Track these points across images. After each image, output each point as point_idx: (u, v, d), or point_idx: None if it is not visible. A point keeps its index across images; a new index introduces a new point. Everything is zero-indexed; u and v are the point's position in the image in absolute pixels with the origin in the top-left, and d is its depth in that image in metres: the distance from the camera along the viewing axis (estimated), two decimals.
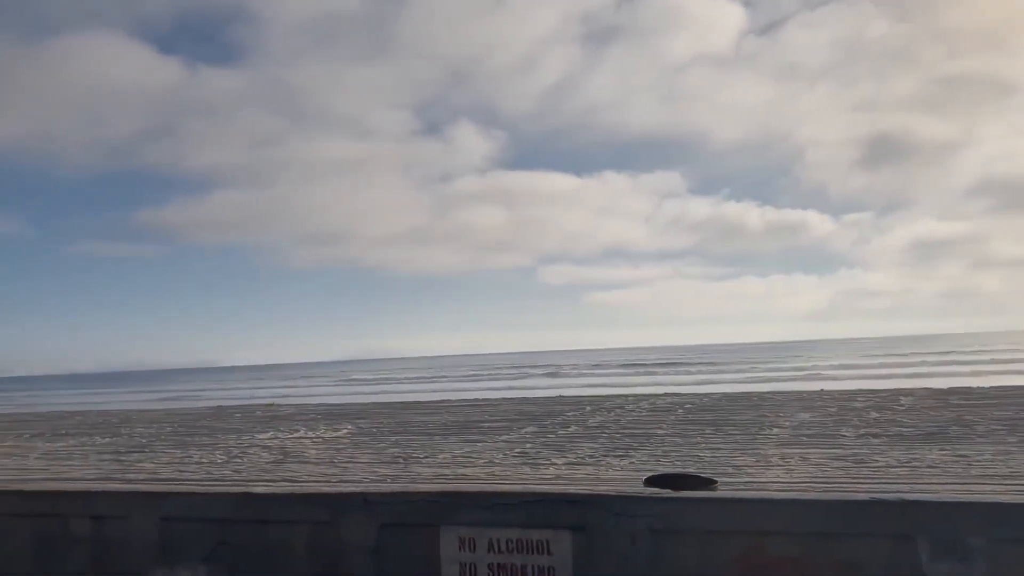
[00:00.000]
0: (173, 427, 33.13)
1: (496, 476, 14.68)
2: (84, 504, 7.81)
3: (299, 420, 32.17)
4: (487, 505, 6.93)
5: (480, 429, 22.89)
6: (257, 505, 7.38)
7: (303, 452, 21.17)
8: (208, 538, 7.27)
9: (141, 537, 7.38)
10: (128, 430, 32.78)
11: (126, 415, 42.37)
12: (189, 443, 25.88)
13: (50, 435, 32.20)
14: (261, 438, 25.42)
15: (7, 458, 24.09)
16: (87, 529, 7.63)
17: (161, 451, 24.25)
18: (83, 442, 28.79)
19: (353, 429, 25.69)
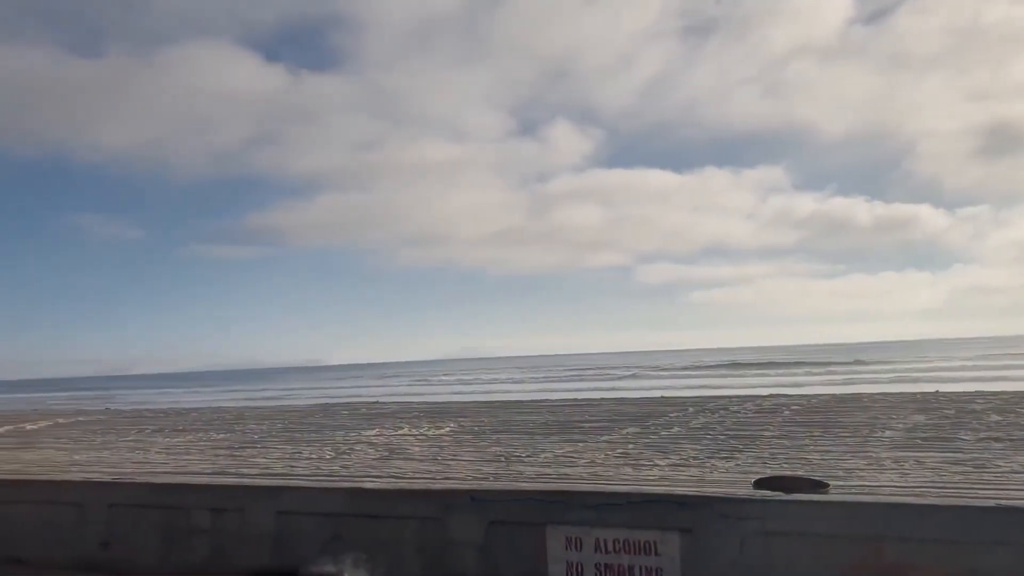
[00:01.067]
0: (283, 424, 34.19)
1: (598, 476, 14.64)
2: (205, 497, 8.16)
3: (403, 418, 32.75)
4: (593, 505, 6.91)
5: (581, 429, 22.83)
6: (368, 500, 7.56)
7: (408, 449, 21.56)
8: (322, 532, 7.49)
9: (258, 529, 7.66)
10: (241, 426, 33.99)
11: (239, 412, 43.95)
12: (299, 439, 26.66)
13: (169, 431, 33.67)
14: (367, 435, 25.99)
15: (132, 452, 25.33)
16: (208, 521, 7.97)
17: (273, 447, 25.07)
18: (200, 437, 30.00)
19: (455, 427, 26.01)
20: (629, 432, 21.32)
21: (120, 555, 8.15)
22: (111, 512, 8.30)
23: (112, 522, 8.27)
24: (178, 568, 7.80)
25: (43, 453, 26.49)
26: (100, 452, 25.79)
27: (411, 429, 26.78)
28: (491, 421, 26.64)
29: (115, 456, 24.16)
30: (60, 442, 30.71)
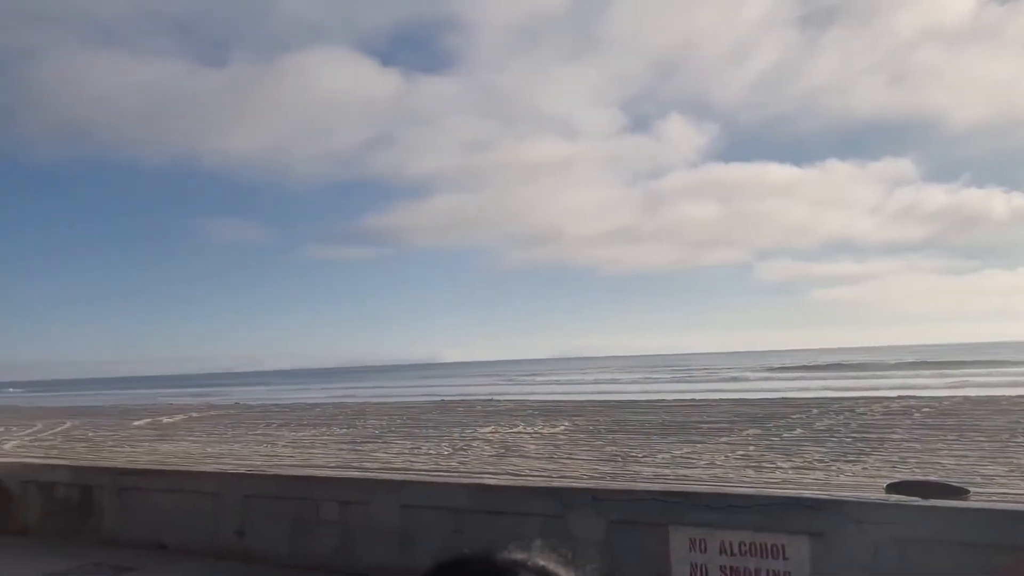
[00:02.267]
0: (402, 419, 35.03)
1: (719, 478, 14.39)
2: (333, 489, 8.41)
3: (517, 416, 33.04)
4: (718, 506, 6.77)
5: (699, 430, 22.49)
6: (490, 496, 7.63)
7: (523, 447, 21.72)
8: (445, 526, 7.60)
9: (383, 522, 7.84)
10: (362, 422, 35.02)
11: (359, 408, 45.25)
12: (417, 435, 27.26)
13: (294, 425, 34.98)
14: (483, 432, 26.32)
15: (260, 445, 26.41)
16: (335, 513, 8.20)
17: (392, 442, 25.71)
18: (323, 432, 31.06)
19: (570, 426, 26.03)
20: (749, 434, 20.87)
21: (254, 544, 8.49)
22: (245, 502, 8.65)
23: (246, 512, 8.62)
24: (307, 558, 8.06)
25: (179, 445, 27.92)
26: (231, 445, 27.00)
27: (526, 427, 26.97)
28: (606, 420, 26.56)
29: (245, 449, 25.25)
30: (194, 435, 32.33)
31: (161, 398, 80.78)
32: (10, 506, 10.54)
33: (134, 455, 24.06)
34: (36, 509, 10.34)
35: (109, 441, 29.80)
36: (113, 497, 9.66)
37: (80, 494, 9.98)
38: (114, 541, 9.48)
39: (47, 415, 48.91)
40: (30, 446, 28.91)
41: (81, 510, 9.93)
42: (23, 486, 10.53)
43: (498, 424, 27.49)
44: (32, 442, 30.58)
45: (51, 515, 10.20)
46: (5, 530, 10.47)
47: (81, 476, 10.24)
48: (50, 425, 39.72)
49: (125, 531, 9.50)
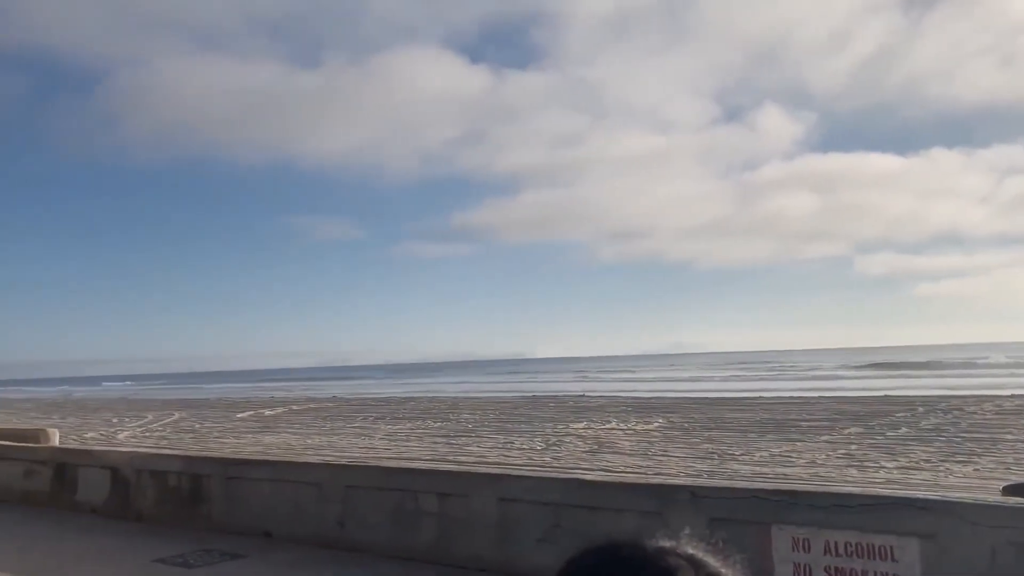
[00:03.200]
0: (495, 414, 35.34)
1: (820, 477, 14.02)
2: (432, 481, 8.53)
3: (610, 412, 32.90)
4: (823, 505, 6.59)
5: (798, 428, 21.98)
6: (587, 491, 7.61)
7: (616, 443, 21.63)
8: (543, 520, 7.63)
9: (481, 515, 7.91)
10: (455, 416, 35.47)
11: (452, 403, 45.84)
12: (510, 430, 27.45)
13: (390, 419, 35.69)
14: (575, 428, 26.32)
15: (358, 437, 27.03)
16: (435, 505, 8.32)
17: (485, 436, 25.98)
18: (417, 425, 31.60)
19: (664, 423, 25.77)
20: (851, 432, 20.27)
21: (355, 533, 8.69)
22: (347, 493, 8.86)
23: (348, 502, 8.82)
24: (407, 548, 8.20)
25: (281, 437, 28.81)
26: (330, 437, 27.71)
27: (619, 423, 26.84)
28: (701, 418, 26.21)
29: (343, 441, 25.88)
30: (294, 427, 33.30)
31: (262, 391, 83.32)
32: (127, 493, 11.06)
33: (239, 446, 24.92)
34: (150, 496, 10.82)
35: (215, 432, 30.95)
36: (221, 486, 10.02)
37: (191, 482, 10.39)
38: (222, 528, 9.84)
39: (157, 407, 51.10)
40: (141, 437, 30.27)
41: (192, 498, 10.34)
42: (138, 474, 11.03)
43: (591, 420, 27.41)
44: (143, 433, 32.00)
45: (164, 502, 10.66)
46: (122, 516, 11.00)
47: (191, 465, 10.66)
48: (159, 417, 41.49)
49: (233, 519, 9.84)
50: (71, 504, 11.83)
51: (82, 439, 27.93)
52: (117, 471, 11.30)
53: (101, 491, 11.44)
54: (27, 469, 12.63)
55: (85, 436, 29.95)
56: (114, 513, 11.17)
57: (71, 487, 11.91)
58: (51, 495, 12.15)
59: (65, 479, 12.00)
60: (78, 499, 11.76)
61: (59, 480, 12.09)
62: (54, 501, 12.08)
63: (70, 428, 30.02)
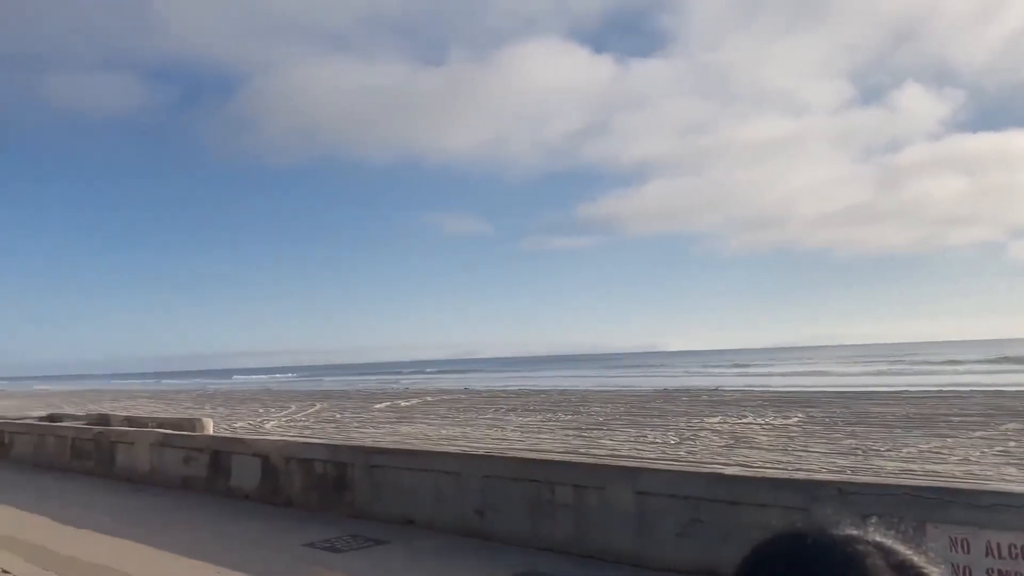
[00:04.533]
0: (626, 408, 35.13)
1: (974, 475, 13.25)
2: (568, 473, 8.56)
3: (746, 406, 32.13)
4: (983, 504, 6.23)
5: (948, 423, 20.85)
6: (727, 486, 7.46)
7: (753, 438, 21.10)
8: (681, 514, 7.53)
9: (619, 508, 7.89)
10: (586, 409, 35.47)
11: (583, 395, 45.83)
12: (643, 423, 27.21)
13: (521, 411, 36.04)
14: (710, 422, 25.84)
15: (490, 429, 27.42)
16: (571, 497, 8.35)
17: (618, 429, 25.85)
18: (548, 418, 31.76)
19: (803, 417, 24.96)
20: (1009, 428, 19.08)
21: (493, 523, 8.82)
22: (485, 482, 9.00)
23: (486, 492, 8.97)
24: (544, 539, 8.26)
25: (416, 427, 29.56)
26: (463, 428, 28.23)
27: (755, 418, 26.17)
28: (843, 412, 25.24)
29: (476, 432, 26.31)
30: (429, 418, 34.08)
31: (397, 383, 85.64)
32: (276, 480, 11.61)
33: (377, 435, 25.72)
34: (298, 483, 11.32)
35: (354, 422, 32.04)
36: (364, 474, 10.37)
37: (335, 470, 10.80)
38: (366, 515, 10.19)
39: (300, 398, 53.33)
40: (286, 426, 31.67)
41: (336, 485, 10.75)
42: (286, 462, 11.55)
43: (726, 415, 26.85)
44: (287, 423, 33.48)
45: (310, 489, 11.12)
46: (272, 501, 11.56)
47: (336, 454, 11.08)
48: (302, 407, 43.30)
49: (376, 506, 10.17)
50: (226, 489, 12.53)
51: (232, 428, 29.47)
52: (267, 459, 11.88)
53: (253, 477, 12.05)
54: (186, 456, 13.45)
55: (235, 426, 31.59)
56: (265, 498, 11.76)
57: (226, 473, 12.60)
58: (208, 481, 12.90)
59: (220, 466, 12.71)
60: (232, 485, 12.44)
61: (215, 467, 12.82)
62: (211, 486, 12.82)
63: (220, 418, 31.69)
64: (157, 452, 14.17)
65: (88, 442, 16.16)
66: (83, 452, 16.23)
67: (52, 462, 17.09)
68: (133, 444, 14.90)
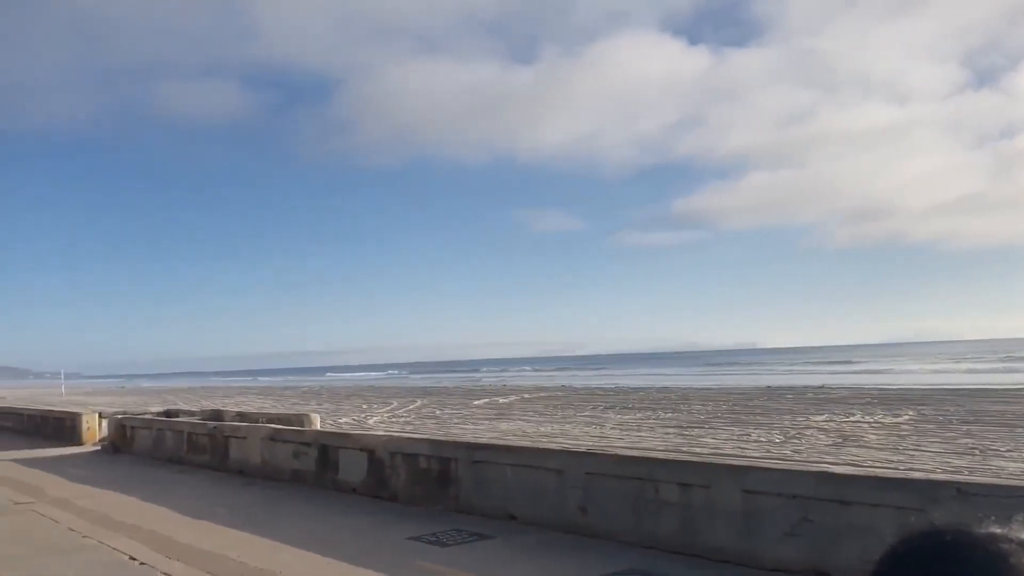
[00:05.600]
0: (727, 405, 34.51)
1: None
2: (673, 471, 8.47)
3: (853, 404, 31.12)
4: None
5: None
6: (837, 485, 7.26)
7: (863, 437, 20.43)
8: (790, 513, 7.37)
9: (725, 506, 7.77)
10: (686, 407, 35.00)
11: (683, 393, 45.25)
12: (745, 422, 26.68)
13: (619, 408, 35.83)
14: (816, 420, 25.14)
15: (589, 426, 27.35)
16: (675, 495, 8.26)
17: (720, 428, 25.41)
18: (648, 416, 31.48)
19: (915, 415, 24.03)
20: None
21: (596, 520, 8.81)
22: (587, 480, 8.99)
23: (588, 489, 8.96)
24: (649, 536, 8.20)
25: (515, 424, 29.73)
26: (562, 425, 28.25)
27: (864, 416, 25.32)
28: (957, 410, 24.20)
29: (575, 429, 26.28)
30: (527, 415, 34.23)
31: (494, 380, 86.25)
32: (382, 474, 11.87)
33: (477, 432, 25.99)
34: (402, 477, 11.54)
35: (454, 418, 32.45)
36: (468, 469, 10.50)
37: (439, 465, 10.97)
38: (469, 509, 10.31)
39: (401, 395, 54.34)
40: (389, 422, 32.32)
41: (440, 480, 10.91)
42: (391, 457, 11.80)
43: (832, 413, 26.09)
44: (390, 418, 34.15)
45: (415, 483, 11.32)
46: (378, 495, 11.82)
47: (439, 449, 11.25)
48: (403, 403, 44.10)
49: (478, 501, 10.29)
50: (333, 483, 12.88)
51: (337, 424, 30.26)
52: (373, 453, 12.15)
53: (359, 471, 12.35)
54: (296, 450, 13.88)
55: (340, 421, 32.41)
56: (371, 492, 12.04)
57: (333, 467, 12.96)
58: (316, 474, 13.29)
59: (328, 460, 13.08)
60: (339, 478, 12.78)
61: (323, 461, 13.19)
62: (319, 480, 13.20)
63: (326, 413, 32.56)
64: (268, 446, 14.68)
65: (203, 437, 16.86)
66: (199, 446, 16.94)
67: (170, 455, 17.91)
68: (245, 439, 15.47)
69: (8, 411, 32.13)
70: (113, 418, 21.81)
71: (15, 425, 29.85)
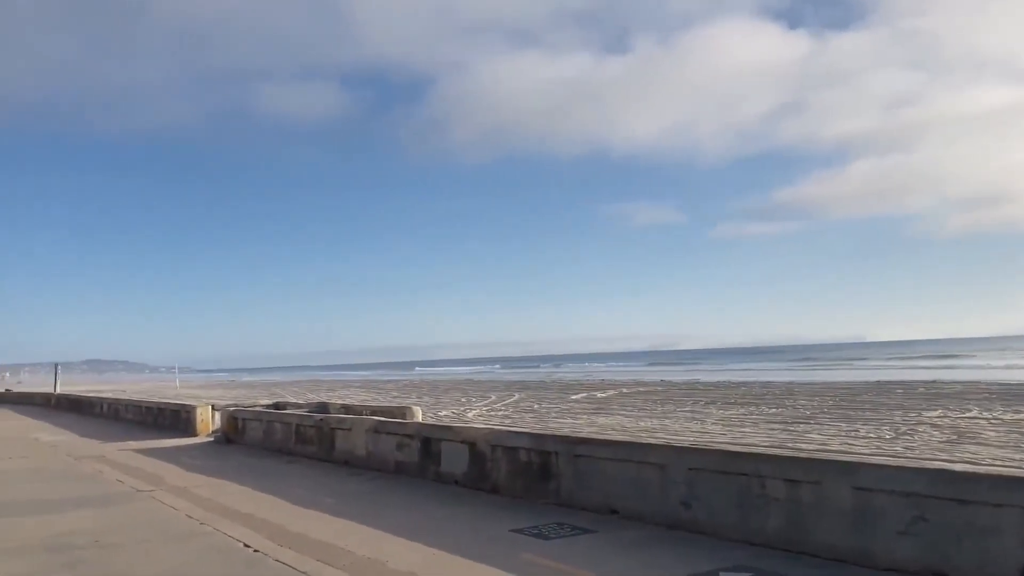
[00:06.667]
0: (834, 400, 33.52)
1: None
2: (779, 467, 8.27)
3: (970, 399, 29.79)
4: None
5: None
6: (956, 484, 6.95)
7: (980, 434, 19.54)
8: (904, 512, 7.11)
9: (835, 504, 7.55)
10: (791, 402, 34.16)
11: (787, 388, 44.19)
12: (853, 417, 25.87)
13: (721, 403, 35.23)
14: (929, 416, 24.17)
15: (689, 421, 26.99)
16: (782, 491, 8.07)
17: (826, 423, 24.71)
18: (751, 411, 30.86)
19: None
20: None
21: (700, 516, 8.69)
22: (690, 475, 8.87)
23: (691, 484, 8.84)
24: (755, 533, 8.04)
25: (614, 418, 29.57)
26: (662, 420, 27.96)
27: (981, 412, 24.22)
28: None
29: (676, 424, 25.97)
30: (626, 409, 34.02)
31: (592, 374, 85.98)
32: (483, 467, 11.99)
33: (575, 426, 25.96)
34: (503, 470, 11.63)
35: (552, 412, 32.50)
36: (568, 463, 10.50)
37: (539, 459, 11.01)
38: (570, 503, 10.32)
39: (498, 389, 54.76)
40: (487, 415, 32.60)
41: (541, 473, 10.95)
42: (492, 449, 11.90)
43: (946, 408, 25.04)
44: (488, 411, 34.45)
45: (515, 476, 11.40)
46: (479, 487, 11.95)
47: (540, 443, 11.29)
48: (501, 397, 44.44)
49: (580, 495, 10.28)
50: (436, 475, 13.09)
51: (437, 417, 30.71)
52: (474, 446, 12.29)
53: (461, 464, 12.51)
54: (399, 442, 14.16)
55: (439, 414, 32.89)
56: (473, 484, 12.18)
57: (436, 459, 13.16)
58: (419, 466, 13.52)
59: (431, 452, 13.29)
60: (442, 470, 12.97)
61: (426, 453, 13.41)
62: (422, 471, 13.43)
63: (425, 407, 33.11)
64: (372, 438, 15.02)
65: (310, 428, 17.37)
66: (306, 437, 17.46)
67: (279, 446, 18.52)
68: (350, 431, 15.86)
69: (129, 404, 33.81)
70: (225, 410, 22.68)
71: (135, 417, 31.40)
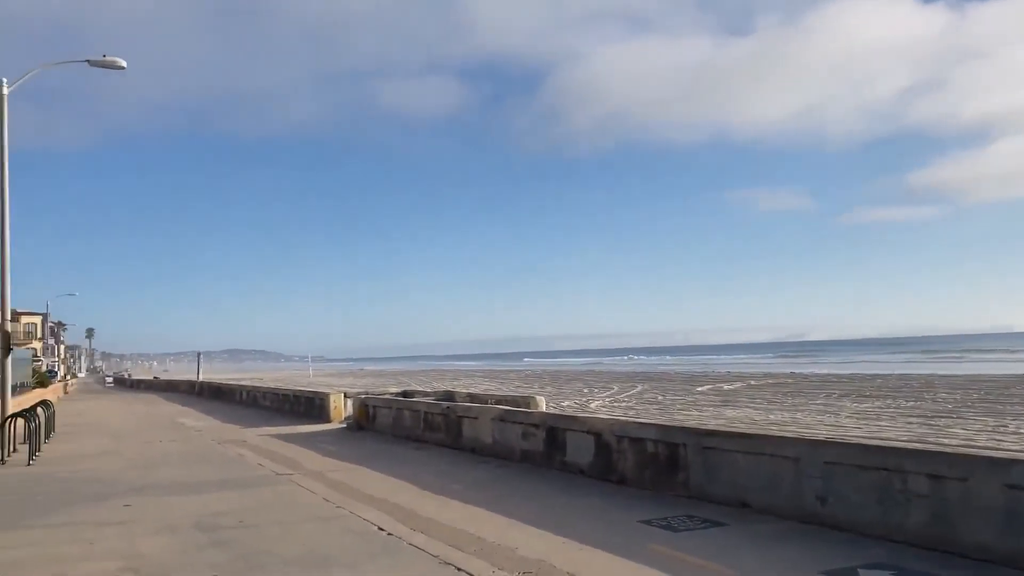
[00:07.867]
0: (979, 394, 31.72)
1: None
2: (922, 462, 7.89)
3: None
4: None
5: None
6: None
7: None
8: None
9: (983, 501, 7.15)
10: (931, 395, 32.56)
11: (926, 380, 42.10)
12: (1001, 411, 24.42)
13: (855, 396, 33.93)
14: None
15: (822, 415, 26.12)
16: (926, 486, 7.70)
17: (970, 418, 23.43)
18: (887, 404, 29.58)
19: None
20: None
21: (837, 511, 8.39)
22: (826, 469, 8.58)
23: (828, 478, 8.55)
24: (896, 530, 7.70)
25: (742, 411, 28.94)
26: (793, 413, 27.16)
27: None
28: None
29: (808, 418, 25.19)
30: (755, 402, 33.21)
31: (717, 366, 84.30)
32: (609, 457, 11.94)
33: (701, 418, 25.55)
34: (630, 461, 11.55)
35: (677, 404, 32.09)
36: (697, 455, 10.34)
37: (667, 450, 10.88)
38: (699, 496, 10.16)
39: (621, 379, 54.45)
40: (610, 406, 32.47)
41: (668, 465, 10.82)
42: (618, 440, 11.84)
43: None
44: (611, 402, 34.30)
45: (642, 467, 11.30)
46: (605, 478, 11.91)
47: (667, 434, 11.15)
48: (624, 388, 44.15)
49: (709, 488, 10.10)
50: (561, 464, 13.13)
51: (560, 407, 30.79)
52: (600, 436, 12.25)
53: (586, 454, 12.50)
54: (524, 431, 14.27)
55: (562, 404, 32.97)
56: (599, 475, 12.16)
57: (561, 449, 13.20)
58: (545, 455, 13.59)
59: (556, 442, 13.34)
60: (567, 460, 13.00)
61: (551, 442, 13.47)
62: (547, 461, 13.50)
63: (548, 396, 33.23)
64: (498, 427, 15.20)
65: (438, 416, 17.73)
66: (434, 425, 17.84)
67: (408, 433, 19.00)
68: (477, 419, 16.10)
69: (267, 391, 35.40)
70: (357, 398, 23.44)
71: (272, 404, 32.85)
